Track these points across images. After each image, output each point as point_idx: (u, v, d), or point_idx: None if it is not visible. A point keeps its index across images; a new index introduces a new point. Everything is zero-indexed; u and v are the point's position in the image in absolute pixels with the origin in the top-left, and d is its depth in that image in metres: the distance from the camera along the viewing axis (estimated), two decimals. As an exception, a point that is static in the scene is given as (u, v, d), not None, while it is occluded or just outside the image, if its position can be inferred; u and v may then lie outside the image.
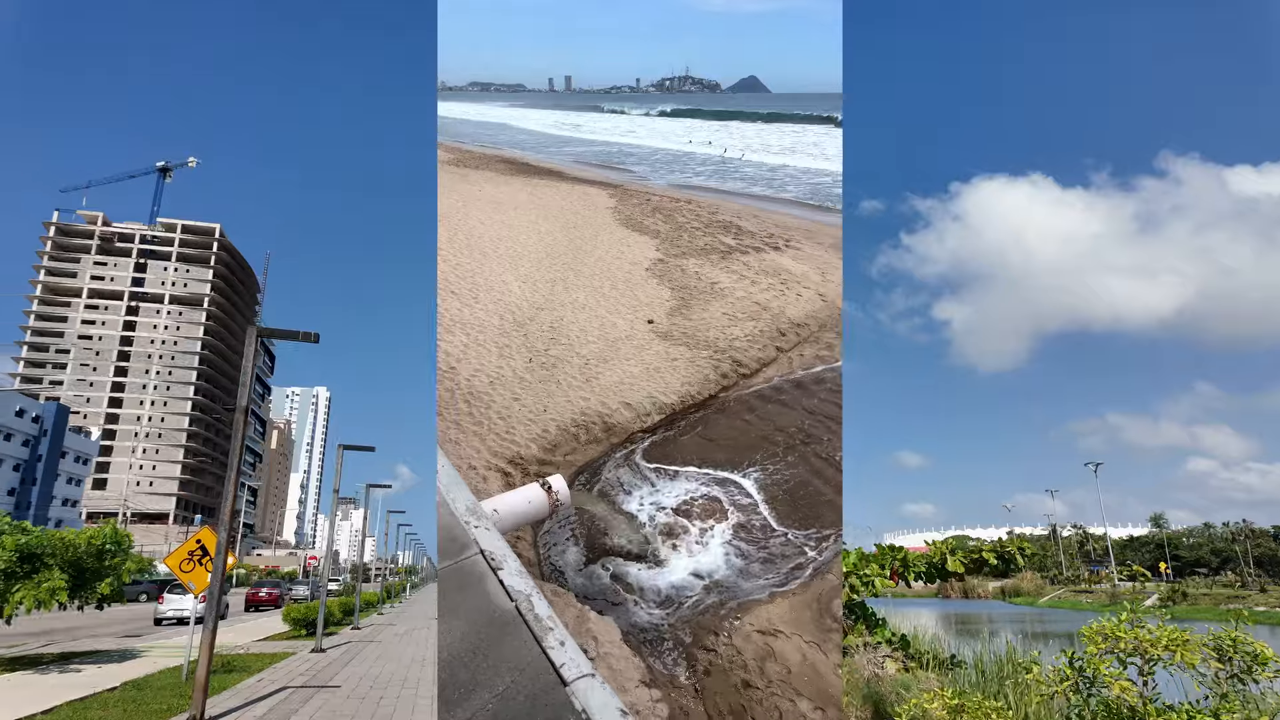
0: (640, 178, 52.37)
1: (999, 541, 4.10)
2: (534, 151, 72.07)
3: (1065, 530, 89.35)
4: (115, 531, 14.07)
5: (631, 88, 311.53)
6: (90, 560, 13.37)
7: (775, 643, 7.81)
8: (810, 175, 50.10)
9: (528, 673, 3.30)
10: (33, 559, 12.63)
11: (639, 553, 9.84)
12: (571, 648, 3.47)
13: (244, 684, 11.14)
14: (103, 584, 13.30)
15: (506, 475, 11.58)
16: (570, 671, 3.27)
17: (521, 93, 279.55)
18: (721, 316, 19.12)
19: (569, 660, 3.35)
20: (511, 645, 3.48)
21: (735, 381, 15.64)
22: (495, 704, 3.15)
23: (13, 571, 12.32)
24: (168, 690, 10.44)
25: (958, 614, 39.37)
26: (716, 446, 12.86)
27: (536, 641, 3.45)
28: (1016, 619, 39.85)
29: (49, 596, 12.21)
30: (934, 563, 4.13)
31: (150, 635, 20.78)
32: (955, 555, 4.07)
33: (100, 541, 13.59)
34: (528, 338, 17.39)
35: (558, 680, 3.23)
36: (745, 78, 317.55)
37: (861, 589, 3.99)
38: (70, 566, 12.95)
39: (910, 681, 8.51)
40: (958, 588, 62.38)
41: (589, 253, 26.48)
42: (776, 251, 26.44)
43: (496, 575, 3.98)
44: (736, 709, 7.01)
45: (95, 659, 14.26)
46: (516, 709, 3.10)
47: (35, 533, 13.09)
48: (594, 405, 14.03)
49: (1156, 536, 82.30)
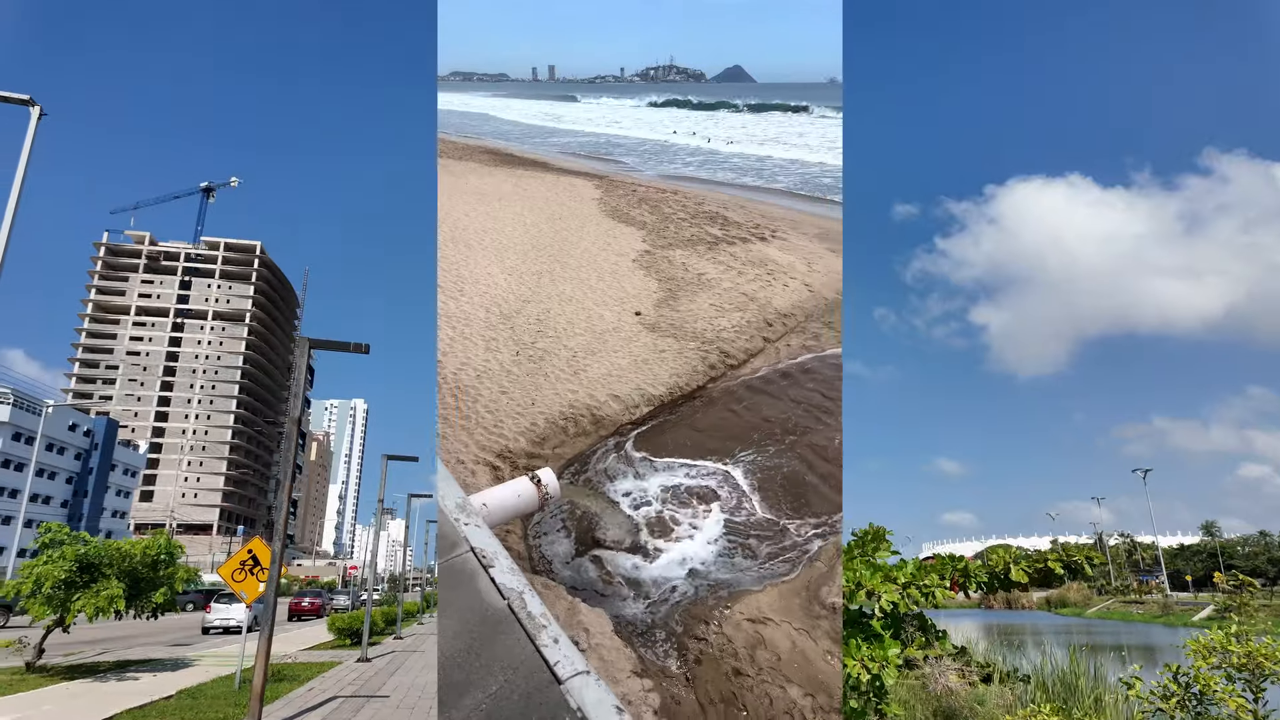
0: (629, 169, 52.10)
1: (1065, 549, 3.93)
2: (518, 142, 71.36)
3: (1112, 539, 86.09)
4: (169, 542, 14.30)
5: (616, 77, 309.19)
6: (145, 570, 13.63)
7: (765, 630, 7.88)
8: (799, 165, 50.12)
9: (521, 671, 3.28)
10: (91, 569, 12.87)
11: (629, 544, 9.86)
12: (565, 645, 3.46)
13: (295, 693, 11.26)
14: (157, 594, 13.56)
15: (495, 469, 11.53)
16: (565, 670, 3.25)
17: (504, 82, 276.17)
18: (709, 308, 19.13)
19: (563, 658, 3.34)
20: (504, 644, 3.45)
21: (723, 372, 15.68)
22: (489, 704, 3.12)
23: (73, 581, 12.58)
24: (222, 699, 10.62)
25: (1001, 624, 37.78)
26: (705, 437, 12.89)
27: (530, 639, 3.44)
28: (1064, 630, 37.51)
29: (108, 605, 12.48)
30: (997, 573, 3.97)
31: (199, 644, 21.11)
32: (1019, 565, 3.93)
33: (155, 551, 13.83)
34: (514, 331, 17.27)
35: (552, 679, 3.21)
36: (730, 67, 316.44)
37: (921, 600, 3.81)
38: (126, 576, 13.23)
39: (983, 696, 8.44)
40: (1000, 598, 59.96)
41: (575, 244, 26.33)
42: (763, 242, 26.48)
43: (488, 573, 3.96)
44: (727, 696, 7.07)
45: (150, 667, 14.48)
46: (511, 709, 3.08)
47: (94, 543, 13.32)
48: (582, 398, 14.00)
49: (1209, 545, 79.64)
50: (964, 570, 4.39)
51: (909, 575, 4.12)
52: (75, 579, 12.58)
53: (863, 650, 3.88)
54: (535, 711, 3.04)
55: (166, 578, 13.88)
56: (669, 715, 7.00)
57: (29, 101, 10.94)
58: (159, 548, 13.94)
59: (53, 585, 12.28)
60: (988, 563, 4.52)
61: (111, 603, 12.47)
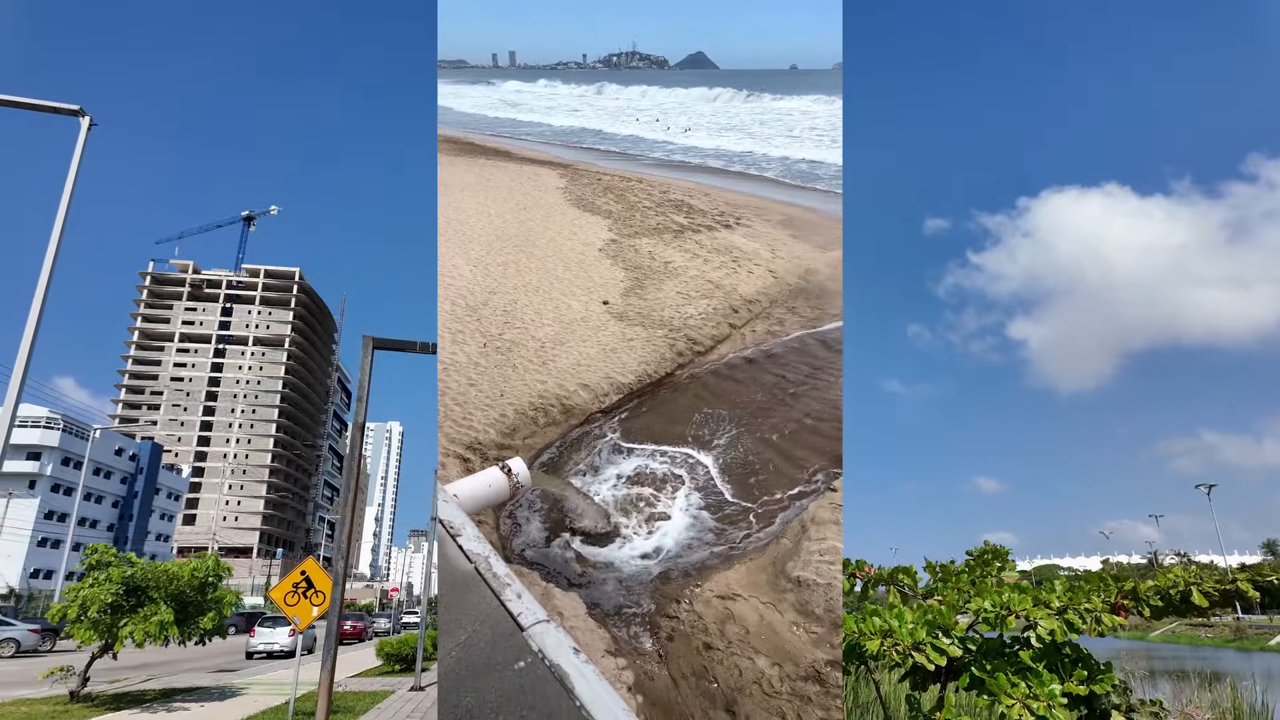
0: (597, 155, 51.76)
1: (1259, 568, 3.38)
2: (479, 130, 70.11)
3: (1166, 558, 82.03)
4: (217, 564, 13.64)
5: (578, 64, 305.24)
6: (192, 594, 12.92)
7: (734, 605, 8.19)
8: (788, 158, 49.88)
9: (488, 623, 3.55)
10: (138, 592, 12.26)
11: (601, 530, 10.06)
12: (528, 599, 3.71)
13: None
14: (205, 618, 12.89)
15: (465, 461, 11.56)
16: (527, 619, 3.53)
17: (464, 69, 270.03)
18: (675, 295, 19.34)
19: (525, 610, 3.60)
20: (472, 600, 3.70)
21: (691, 359, 15.94)
22: (459, 651, 3.40)
23: (119, 605, 11.97)
24: (277, 732, 10.00)
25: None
26: (674, 423, 13.14)
27: (495, 596, 3.68)
28: (1132, 655, 31.34)
29: (158, 631, 11.85)
30: (1171, 595, 3.21)
31: (245, 670, 20.48)
32: (1202, 584, 3.22)
33: (203, 574, 13.15)
34: (481, 322, 17.19)
35: (515, 627, 3.49)
36: (693, 53, 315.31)
37: (1082, 625, 3.43)
38: (173, 600, 12.56)
39: None
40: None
41: (541, 234, 26.19)
42: (728, 229, 26.78)
43: (455, 542, 4.14)
44: (698, 670, 7.35)
45: (197, 696, 13.83)
46: (478, 653, 3.36)
47: (140, 565, 12.66)
48: (551, 388, 14.08)
49: (1272, 564, 79.53)
50: (1132, 592, 3.68)
51: (1060, 597, 3.41)
52: (122, 603, 11.99)
53: (1019, 688, 3.22)
54: (501, 654, 3.29)
55: (214, 601, 13.22)
56: (643, 691, 7.25)
57: (79, 112, 10.45)
58: (207, 569, 13.24)
59: (99, 609, 11.70)
60: (1158, 582, 3.82)
61: (163, 629, 11.87)
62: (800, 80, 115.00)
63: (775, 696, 6.95)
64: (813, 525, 9.29)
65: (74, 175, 10.29)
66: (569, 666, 3.17)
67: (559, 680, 3.10)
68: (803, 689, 7.00)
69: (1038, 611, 3.31)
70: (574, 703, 2.97)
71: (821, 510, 9.56)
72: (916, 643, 3.12)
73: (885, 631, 3.18)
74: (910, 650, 3.02)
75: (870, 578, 4.20)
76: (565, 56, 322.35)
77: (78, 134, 10.44)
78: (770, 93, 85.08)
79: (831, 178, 38.99)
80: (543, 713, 2.96)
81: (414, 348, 9.16)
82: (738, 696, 7.01)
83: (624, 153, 54.47)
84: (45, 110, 10.47)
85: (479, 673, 3.19)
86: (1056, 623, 3.28)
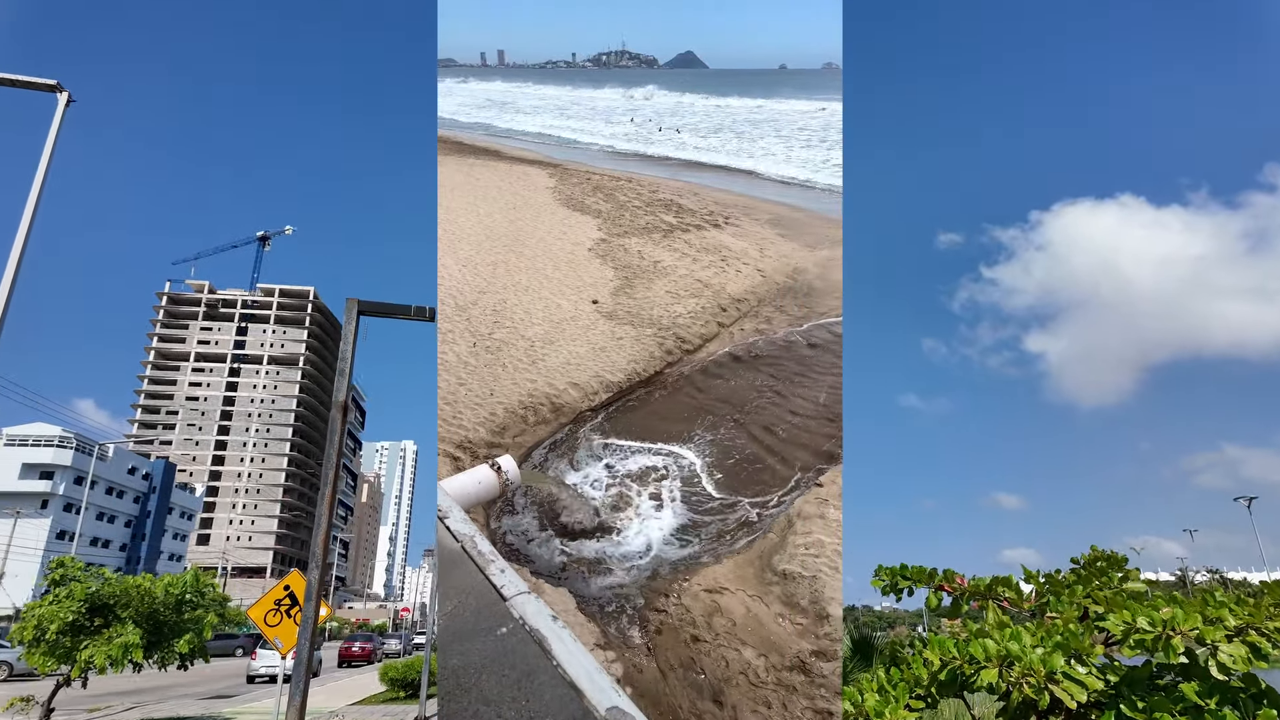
0: (583, 156, 51.79)
1: None
2: (468, 130, 69.90)
3: (1198, 574, 76.44)
4: (196, 579, 11.96)
5: (568, 63, 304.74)
6: (168, 613, 11.33)
7: (721, 599, 8.33)
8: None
9: (473, 594, 3.74)
10: (104, 610, 10.72)
11: (590, 527, 10.17)
12: (510, 573, 3.88)
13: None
14: (180, 641, 11.18)
15: (455, 459, 11.63)
16: (509, 590, 3.73)
17: (452, 67, 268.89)
18: (665, 294, 19.48)
19: (508, 582, 3.79)
20: (459, 575, 3.89)
21: (680, 358, 16.08)
22: (446, 620, 3.58)
23: (81, 625, 10.45)
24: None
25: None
26: (663, 420, 13.28)
27: (480, 570, 3.85)
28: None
29: (121, 655, 10.21)
30: None
31: (243, 695, 19.26)
32: None
33: (179, 590, 11.48)
34: (470, 322, 17.24)
35: (499, 598, 3.66)
36: (682, 53, 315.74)
37: (1271, 650, 2.23)
38: (146, 619, 11.01)
39: None
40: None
41: (530, 234, 26.23)
42: (716, 229, 26.96)
43: (444, 524, 4.28)
44: (686, 662, 7.49)
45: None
46: (464, 621, 3.56)
47: (111, 579, 11.15)
48: (541, 386, 14.16)
49: None
50: None
51: (1240, 615, 2.59)
52: (84, 623, 10.48)
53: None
54: (485, 622, 3.48)
55: (193, 622, 11.55)
56: (631, 683, 7.37)
57: (56, 87, 10.16)
58: (184, 585, 11.62)
59: (59, 630, 10.15)
60: None
61: (126, 652, 10.21)
62: (792, 80, 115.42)
63: (761, 687, 7.10)
64: (798, 520, 9.45)
65: (50, 151, 10.12)
66: (547, 631, 3.40)
67: (538, 643, 3.33)
68: (788, 679, 7.16)
69: (1213, 632, 2.50)
70: (551, 662, 3.19)
71: (807, 505, 9.73)
72: (1051, 672, 2.40)
73: (1005, 658, 2.50)
74: (1046, 683, 2.36)
75: (963, 591, 2.93)
76: (554, 55, 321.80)
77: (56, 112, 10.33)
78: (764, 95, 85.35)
79: (825, 183, 39.26)
80: (523, 671, 3.18)
81: (407, 313, 7.75)
82: (725, 687, 7.15)
83: (612, 151, 54.54)
84: (21, 86, 10.26)
85: (465, 637, 3.40)
86: (1240, 648, 2.49)
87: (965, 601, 3.18)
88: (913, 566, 3.08)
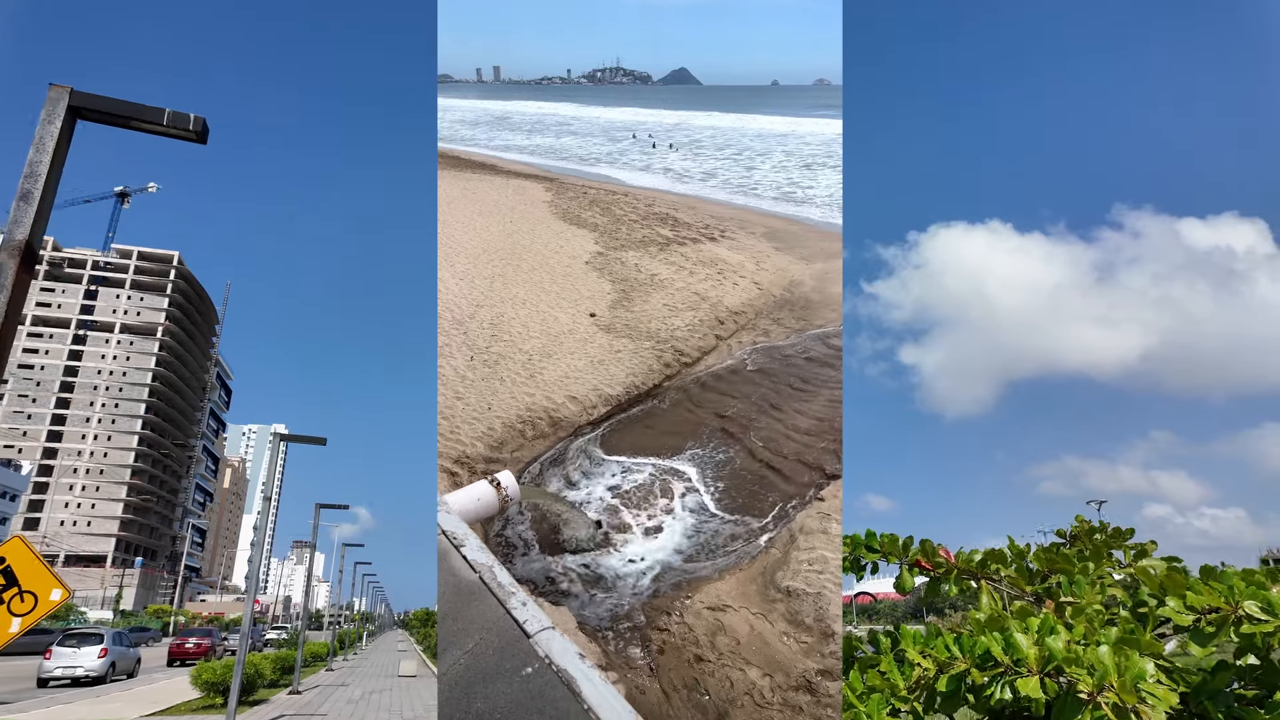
0: (579, 171, 52.05)
1: None
2: (464, 145, 70.26)
3: None
4: None
5: (563, 79, 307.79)
6: None
7: (724, 617, 8.19)
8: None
9: (494, 630, 3.57)
10: None
11: (590, 543, 10.02)
12: (532, 607, 3.72)
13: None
14: None
15: (453, 475, 11.48)
16: (533, 626, 3.55)
17: (448, 83, 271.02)
18: (662, 307, 19.46)
19: (531, 617, 3.62)
20: (478, 609, 3.72)
21: (678, 371, 16.01)
22: (467, 659, 3.42)
23: None
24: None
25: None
26: (662, 434, 13.17)
27: (501, 604, 3.70)
28: None
29: None
30: None
31: (25, 700, 16.29)
32: None
33: None
34: (468, 336, 17.14)
35: (522, 634, 3.51)
36: (676, 69, 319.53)
37: None
38: None
39: None
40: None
41: (527, 248, 26.24)
42: (713, 242, 27.05)
43: (459, 552, 4.13)
44: (690, 682, 7.33)
45: None
46: (488, 660, 3.38)
47: None
48: (539, 400, 14.05)
49: None
50: None
51: None
52: None
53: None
54: (509, 661, 3.32)
55: None
56: (635, 705, 7.19)
57: None
58: None
59: None
60: None
61: None
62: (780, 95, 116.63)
63: (767, 707, 6.95)
64: (801, 535, 9.34)
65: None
66: (575, 671, 3.24)
67: (566, 685, 3.17)
68: (794, 699, 7.01)
69: None
70: (581, 705, 3.03)
71: (809, 520, 9.62)
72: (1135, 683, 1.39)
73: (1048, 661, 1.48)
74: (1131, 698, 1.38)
75: (950, 567, 1.80)
76: (550, 71, 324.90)
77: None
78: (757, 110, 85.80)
79: (823, 197, 39.52)
80: (551, 717, 3.01)
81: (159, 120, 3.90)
82: (730, 708, 7.00)
83: (610, 162, 54.84)
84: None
85: (490, 679, 3.23)
86: None
87: (951, 582, 2.08)
88: (882, 535, 2.24)
